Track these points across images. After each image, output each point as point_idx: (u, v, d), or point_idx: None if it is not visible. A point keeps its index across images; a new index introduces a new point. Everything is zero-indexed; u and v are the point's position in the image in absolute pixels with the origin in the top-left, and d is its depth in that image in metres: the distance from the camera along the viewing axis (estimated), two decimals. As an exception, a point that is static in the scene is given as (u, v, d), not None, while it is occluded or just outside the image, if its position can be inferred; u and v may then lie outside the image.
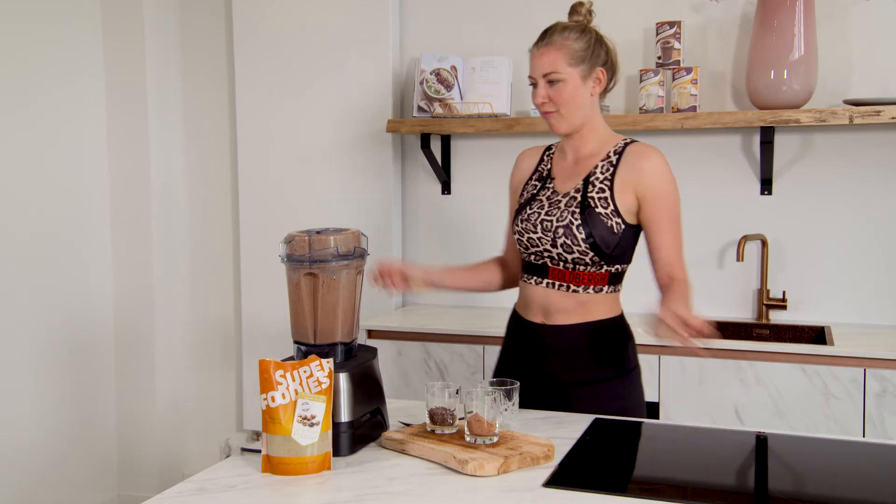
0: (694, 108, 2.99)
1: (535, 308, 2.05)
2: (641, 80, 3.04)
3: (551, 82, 1.96)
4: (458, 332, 2.99)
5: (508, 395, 1.77)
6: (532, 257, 2.04)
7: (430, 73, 3.27)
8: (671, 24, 3.03)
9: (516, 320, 2.14)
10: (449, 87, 3.26)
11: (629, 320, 2.10)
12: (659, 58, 3.06)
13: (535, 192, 2.07)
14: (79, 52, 3.44)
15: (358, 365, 1.73)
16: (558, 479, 1.54)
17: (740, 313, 3.15)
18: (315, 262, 1.71)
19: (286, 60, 3.51)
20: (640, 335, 2.10)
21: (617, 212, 1.95)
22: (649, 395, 2.76)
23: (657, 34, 3.05)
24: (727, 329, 3.07)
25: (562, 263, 1.98)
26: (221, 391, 3.80)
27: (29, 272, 3.22)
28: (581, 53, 1.97)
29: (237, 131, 3.61)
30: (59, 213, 3.35)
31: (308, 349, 1.73)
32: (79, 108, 3.45)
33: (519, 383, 1.82)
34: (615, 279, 2.01)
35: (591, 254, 1.95)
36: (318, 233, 1.74)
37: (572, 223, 1.94)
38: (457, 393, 1.74)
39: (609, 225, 1.94)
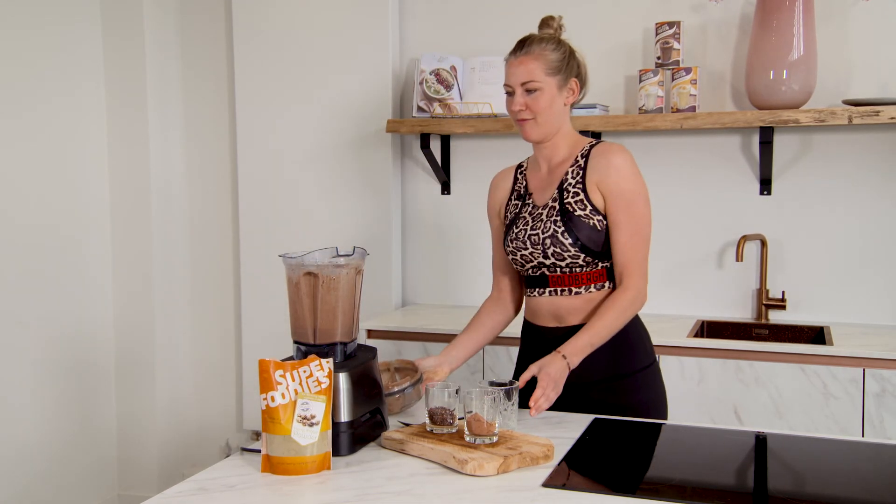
0: (693, 109, 2.99)
1: (545, 315, 2.10)
2: (641, 81, 3.04)
3: (529, 91, 2.01)
4: (457, 331, 2.96)
5: (508, 396, 1.77)
6: (530, 271, 2.09)
7: (430, 74, 3.27)
8: (670, 25, 3.03)
9: (528, 328, 2.17)
10: (449, 88, 3.26)
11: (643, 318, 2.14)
12: (658, 58, 3.06)
13: (517, 210, 2.12)
14: (79, 52, 3.44)
15: (358, 365, 1.73)
16: (558, 479, 1.55)
17: (740, 313, 3.15)
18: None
19: (286, 60, 3.52)
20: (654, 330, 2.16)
21: (595, 210, 2.00)
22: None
23: (657, 34, 3.05)
24: (727, 329, 3.08)
25: (558, 270, 2.03)
26: (221, 391, 3.80)
27: (29, 271, 3.22)
28: (557, 64, 2.02)
29: (237, 131, 3.61)
30: (59, 212, 3.35)
31: (308, 349, 1.73)
32: (79, 108, 3.45)
33: (518, 383, 1.83)
34: (613, 274, 2.05)
35: (583, 255, 2.00)
36: None
37: (556, 231, 2.00)
38: (457, 393, 1.74)
39: (591, 224, 2.00)
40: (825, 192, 3.05)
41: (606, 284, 2.04)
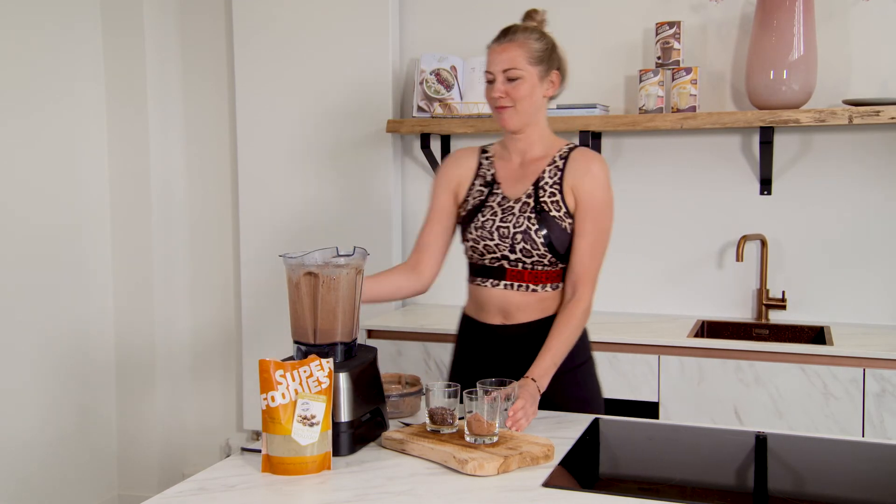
0: (693, 109, 2.99)
1: (492, 310, 2.09)
2: (641, 81, 3.04)
3: (511, 79, 2.01)
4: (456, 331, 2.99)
5: (508, 396, 1.77)
6: (487, 261, 2.07)
7: (430, 74, 3.27)
8: (671, 25, 3.03)
9: (470, 324, 2.16)
10: (449, 88, 3.26)
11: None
12: (658, 58, 3.06)
13: (483, 198, 2.10)
14: (79, 52, 3.44)
15: (358, 365, 1.73)
16: (558, 479, 1.55)
17: (740, 313, 3.15)
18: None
19: (286, 60, 3.52)
20: (594, 329, 2.19)
21: (568, 213, 2.02)
22: (649, 395, 2.77)
23: (657, 34, 3.06)
24: (727, 329, 3.08)
25: (520, 265, 2.04)
26: (221, 391, 3.80)
27: (30, 272, 3.22)
28: (540, 54, 2.02)
29: (237, 131, 3.61)
30: (60, 212, 3.35)
31: (308, 349, 1.73)
32: (79, 108, 3.45)
33: (517, 383, 1.83)
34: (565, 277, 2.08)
35: (550, 255, 2.01)
36: None
37: (530, 228, 2.00)
38: (457, 393, 1.74)
39: (563, 227, 2.01)
40: (825, 192, 3.05)
41: (560, 285, 2.06)
